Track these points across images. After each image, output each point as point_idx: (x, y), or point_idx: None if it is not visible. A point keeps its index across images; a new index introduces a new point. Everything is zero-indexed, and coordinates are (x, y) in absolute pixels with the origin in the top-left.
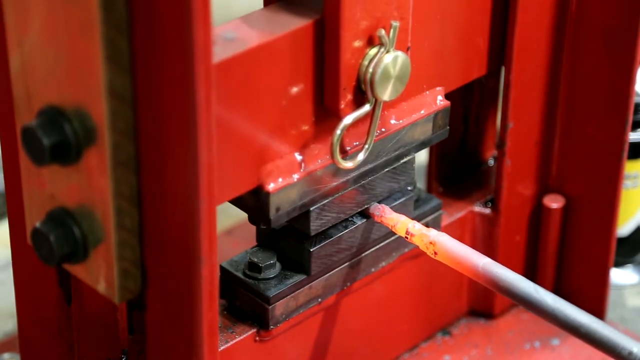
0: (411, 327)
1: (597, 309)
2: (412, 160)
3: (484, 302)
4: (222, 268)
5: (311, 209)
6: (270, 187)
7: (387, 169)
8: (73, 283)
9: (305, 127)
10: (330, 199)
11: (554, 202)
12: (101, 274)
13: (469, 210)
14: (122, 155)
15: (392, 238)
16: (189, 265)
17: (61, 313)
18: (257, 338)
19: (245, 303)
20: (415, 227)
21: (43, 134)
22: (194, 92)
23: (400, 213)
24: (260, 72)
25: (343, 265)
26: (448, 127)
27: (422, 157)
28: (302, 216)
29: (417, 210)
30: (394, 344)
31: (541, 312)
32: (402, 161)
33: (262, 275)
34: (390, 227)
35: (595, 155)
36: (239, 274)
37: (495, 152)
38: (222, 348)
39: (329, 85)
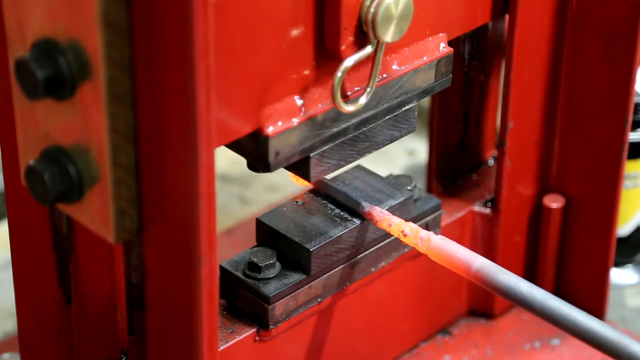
0: (411, 327)
1: (597, 309)
2: (414, 108)
3: (484, 302)
4: (222, 268)
5: (311, 154)
6: (270, 130)
7: (388, 116)
8: (73, 283)
9: (305, 71)
10: (331, 145)
11: (554, 202)
12: (97, 213)
13: (469, 210)
14: (118, 90)
15: (392, 238)
16: (189, 265)
17: (61, 313)
18: (257, 338)
19: (245, 303)
20: (409, 227)
21: (37, 67)
22: (194, 92)
23: (400, 213)
24: (259, 12)
25: (343, 265)
26: (451, 76)
27: (422, 157)
28: (301, 162)
29: (417, 210)
30: (394, 344)
31: (535, 311)
32: (403, 109)
33: (262, 275)
34: (384, 229)
35: (595, 155)
36: (239, 274)
37: (495, 152)
38: (222, 348)
39: (329, 25)
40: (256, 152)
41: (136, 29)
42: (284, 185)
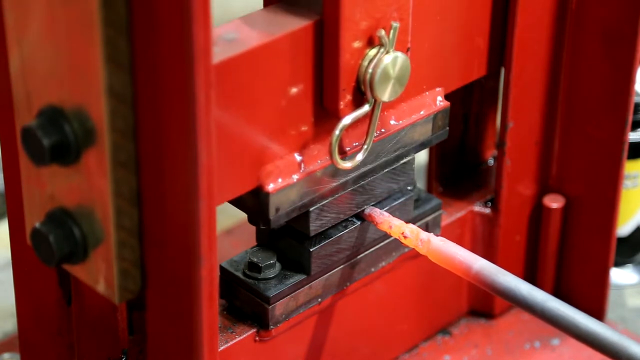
0: (411, 327)
1: (597, 309)
2: (412, 161)
3: (484, 302)
4: (222, 268)
5: (311, 209)
6: (270, 187)
7: (386, 170)
8: (73, 283)
9: (304, 128)
10: (330, 199)
11: (554, 202)
12: (101, 274)
13: (469, 210)
14: (122, 156)
15: (392, 238)
16: (189, 265)
17: (61, 313)
18: (257, 338)
19: (245, 303)
20: (409, 229)
21: (43, 134)
22: (194, 92)
23: (400, 213)
24: (259, 72)
25: (343, 265)
26: (448, 128)
27: (422, 157)
28: (301, 217)
29: (417, 210)
30: (394, 344)
31: (535, 312)
32: (401, 162)
33: (262, 275)
34: (385, 230)
35: (595, 155)
36: (239, 274)
37: (495, 152)
38: (222, 348)
39: (328, 85)
40: (257, 208)
41: (140, 98)
42: None
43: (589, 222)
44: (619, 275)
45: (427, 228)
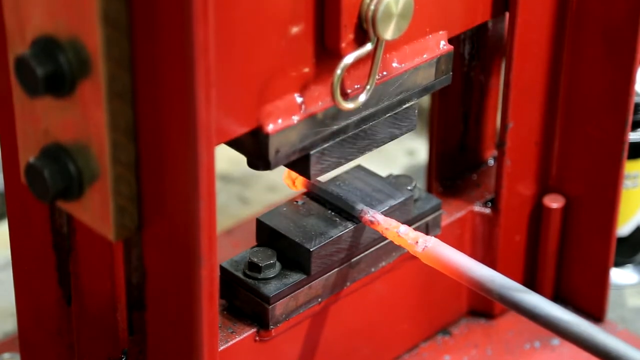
0: (411, 327)
1: (597, 309)
2: (414, 106)
3: (484, 302)
4: (222, 268)
5: (311, 152)
6: (270, 128)
7: (388, 114)
8: (73, 283)
9: (305, 69)
10: (331, 142)
11: (554, 202)
12: (97, 210)
13: (469, 210)
14: (118, 87)
15: None
16: (189, 265)
17: (61, 313)
18: (257, 338)
19: (245, 303)
20: (404, 231)
21: (37, 64)
22: (194, 92)
23: (400, 213)
24: (259, 10)
25: (343, 265)
26: (451, 73)
27: (422, 157)
28: (301, 160)
29: (417, 210)
30: (394, 344)
31: (526, 313)
32: (404, 106)
33: (262, 275)
34: (380, 232)
35: (595, 155)
36: (239, 274)
37: (495, 152)
38: (222, 348)
39: (329, 23)
40: (256, 150)
41: (136, 26)
42: (284, 185)
43: (589, 222)
44: (619, 275)
45: (427, 228)
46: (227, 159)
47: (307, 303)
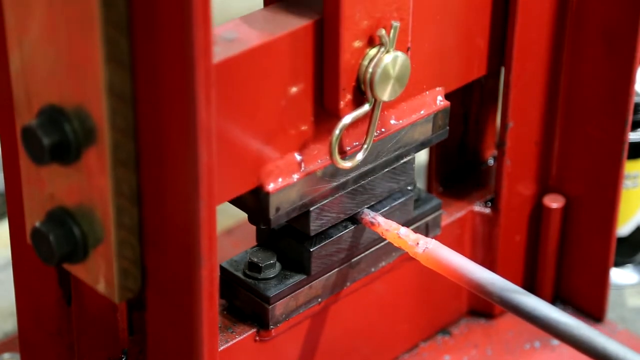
0: (411, 327)
1: (597, 309)
2: (412, 161)
3: (484, 302)
4: (222, 268)
5: (311, 209)
6: (270, 187)
7: (386, 169)
8: (73, 283)
9: (304, 128)
10: (330, 199)
11: (554, 202)
12: (101, 273)
13: (469, 210)
14: (122, 155)
15: None
16: (189, 265)
17: (61, 313)
18: (257, 338)
19: (245, 303)
20: (405, 233)
21: (43, 134)
22: (194, 92)
23: (400, 213)
24: (260, 72)
25: (343, 265)
26: (448, 128)
27: (422, 157)
28: (302, 216)
29: (417, 210)
30: (394, 344)
31: (526, 316)
32: (401, 161)
33: (262, 275)
34: (379, 233)
35: (595, 155)
36: (239, 274)
37: (495, 152)
38: (222, 348)
39: (328, 85)
40: (257, 207)
41: (140, 96)
42: None
43: (589, 222)
44: (619, 275)
45: (427, 228)
46: None
47: (307, 303)
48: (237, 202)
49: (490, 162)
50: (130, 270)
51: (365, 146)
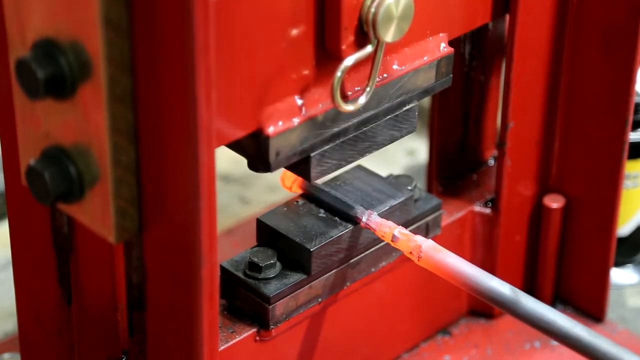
0: (411, 327)
1: (597, 309)
2: (415, 108)
3: (484, 302)
4: (222, 268)
5: (312, 154)
6: (270, 130)
7: (389, 116)
8: (73, 283)
9: (306, 71)
10: (331, 145)
11: (554, 202)
12: (97, 213)
13: (469, 210)
14: (118, 89)
15: None
16: (189, 265)
17: (61, 313)
18: (257, 338)
19: (245, 303)
20: (401, 232)
21: (37, 67)
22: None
23: (400, 213)
24: (259, 12)
25: (343, 265)
26: (451, 76)
27: (422, 157)
28: (302, 162)
29: (417, 210)
30: (394, 344)
31: (523, 318)
32: (404, 108)
33: (262, 275)
34: (376, 233)
35: (595, 155)
36: (239, 274)
37: (495, 152)
38: (222, 348)
39: (330, 25)
40: (257, 152)
41: (137, 28)
42: None
43: (589, 222)
44: (619, 275)
45: (427, 228)
46: (228, 159)
47: (307, 303)
48: (236, 146)
49: (490, 162)
50: (127, 209)
51: (367, 89)
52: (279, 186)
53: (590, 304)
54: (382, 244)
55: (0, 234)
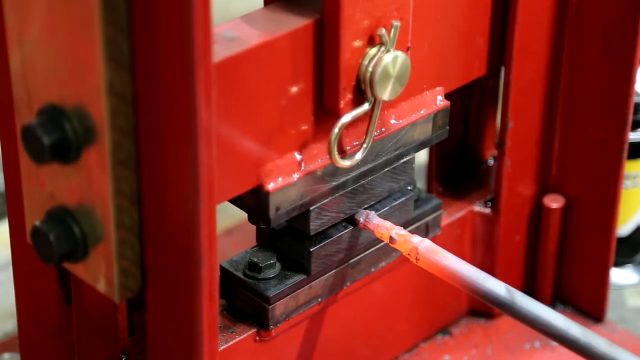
0: (411, 327)
1: (597, 309)
2: (412, 160)
3: (484, 303)
4: (222, 268)
5: (311, 208)
6: (270, 186)
7: (386, 169)
8: (73, 283)
9: (304, 127)
10: (330, 198)
11: (554, 202)
12: (101, 272)
13: (469, 210)
14: (122, 154)
15: None
16: (189, 265)
17: (61, 313)
18: (257, 338)
19: (245, 303)
20: (398, 233)
21: (43, 133)
22: (194, 92)
23: (400, 213)
24: (260, 71)
25: (343, 265)
26: (448, 127)
27: (422, 157)
28: (301, 216)
29: (417, 210)
30: (394, 344)
31: (519, 317)
32: (401, 161)
33: (262, 275)
34: (375, 234)
35: (595, 155)
36: (239, 274)
37: (495, 152)
38: (222, 348)
39: (328, 84)
40: (257, 207)
41: (140, 96)
42: None
43: (589, 222)
44: (619, 275)
45: (427, 228)
46: None
47: (307, 303)
48: (237, 201)
49: (490, 162)
50: (130, 269)
51: (365, 145)
52: None
53: (590, 304)
54: (381, 244)
55: (0, 234)
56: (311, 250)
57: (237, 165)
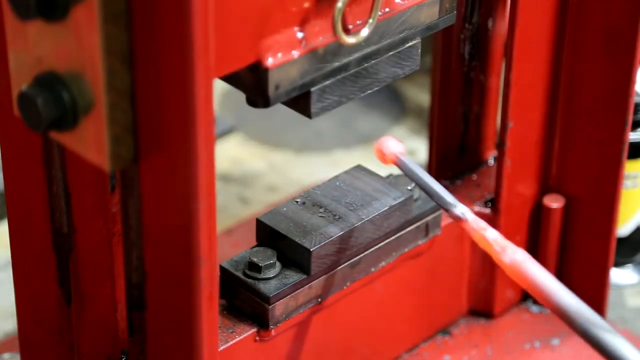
0: (411, 327)
1: (597, 309)
2: (417, 45)
3: (484, 302)
4: (222, 268)
5: (312, 89)
6: (269, 62)
7: (391, 53)
8: (73, 283)
9: (306, 3)
10: (332, 80)
11: (554, 202)
12: (92, 140)
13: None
14: (113, 10)
15: (392, 238)
16: (189, 265)
17: (61, 313)
18: (257, 338)
19: (245, 303)
20: (492, 236)
21: None
22: None
23: (400, 213)
24: None
25: (343, 265)
26: (455, 12)
27: (422, 157)
28: (301, 97)
29: (417, 210)
30: (394, 344)
31: (607, 355)
32: (407, 45)
33: (262, 275)
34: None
35: (595, 155)
36: (239, 274)
37: (495, 152)
38: (222, 348)
39: None
40: (255, 85)
41: None
42: (284, 185)
43: (589, 222)
44: (619, 275)
45: (427, 228)
46: (227, 159)
47: (307, 303)
48: (235, 80)
49: (490, 162)
50: (122, 136)
51: (370, 21)
52: (278, 186)
53: (590, 304)
54: (382, 244)
55: (0, 234)
56: (311, 250)
57: (235, 38)
